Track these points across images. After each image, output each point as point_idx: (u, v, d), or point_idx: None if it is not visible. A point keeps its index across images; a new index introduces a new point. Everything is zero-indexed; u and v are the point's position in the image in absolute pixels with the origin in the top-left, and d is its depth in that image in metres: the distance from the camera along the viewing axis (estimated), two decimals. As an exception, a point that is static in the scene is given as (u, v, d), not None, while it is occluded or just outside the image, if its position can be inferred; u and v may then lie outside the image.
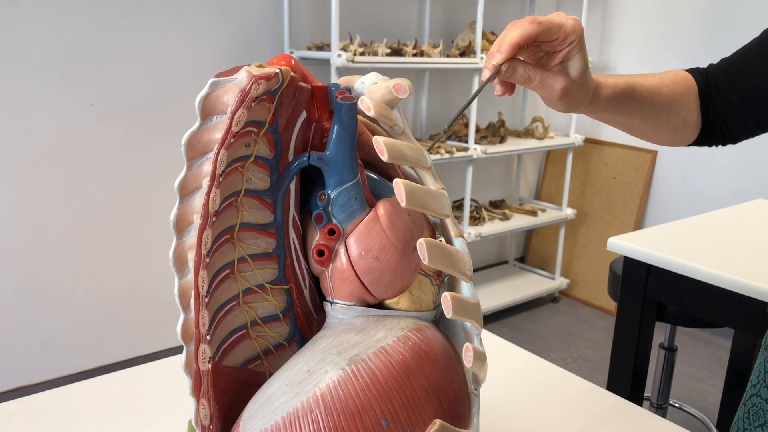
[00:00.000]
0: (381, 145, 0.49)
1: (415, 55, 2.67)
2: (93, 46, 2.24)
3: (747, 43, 0.83)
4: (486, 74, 0.64)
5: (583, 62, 0.67)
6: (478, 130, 3.11)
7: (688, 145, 0.87)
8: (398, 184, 0.48)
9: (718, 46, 2.93)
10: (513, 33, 0.61)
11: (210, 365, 0.51)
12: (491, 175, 3.60)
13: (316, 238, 0.55)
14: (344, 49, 2.45)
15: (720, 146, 0.86)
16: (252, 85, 0.48)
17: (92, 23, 2.22)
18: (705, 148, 3.07)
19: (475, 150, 2.87)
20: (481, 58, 2.81)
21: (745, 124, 0.82)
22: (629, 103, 0.76)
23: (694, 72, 0.84)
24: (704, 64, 0.86)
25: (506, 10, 3.42)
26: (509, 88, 0.68)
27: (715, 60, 0.86)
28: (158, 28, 2.36)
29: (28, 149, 2.19)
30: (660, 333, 2.95)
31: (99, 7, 2.22)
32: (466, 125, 3.10)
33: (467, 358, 0.50)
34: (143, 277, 2.52)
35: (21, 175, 2.19)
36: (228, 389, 0.53)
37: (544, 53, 0.67)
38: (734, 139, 0.85)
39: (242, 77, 0.49)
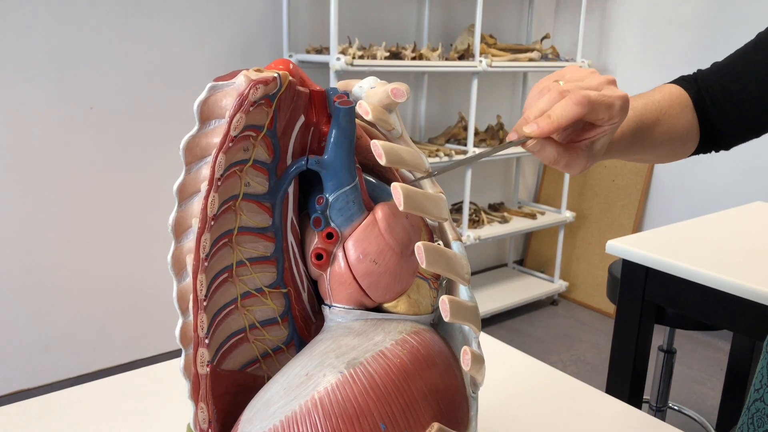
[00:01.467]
0: (379, 148, 0.49)
1: (413, 58, 2.67)
2: (92, 50, 2.25)
3: (740, 48, 0.82)
4: (513, 137, 0.59)
5: (611, 139, 0.64)
6: (476, 133, 3.12)
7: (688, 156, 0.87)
8: (396, 188, 0.48)
9: (716, 49, 2.94)
10: (559, 113, 0.55)
11: (208, 369, 0.51)
12: (490, 178, 3.61)
13: (315, 242, 0.55)
14: (343, 52, 2.46)
15: (714, 153, 0.86)
16: (250, 89, 0.48)
17: (91, 26, 2.23)
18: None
19: (474, 153, 2.87)
20: (480, 61, 2.81)
21: (739, 131, 0.81)
22: (642, 142, 0.75)
23: (684, 83, 0.82)
24: (702, 68, 0.85)
25: (505, 13, 3.42)
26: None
27: (712, 62, 0.86)
28: (157, 32, 2.37)
29: (27, 152, 2.19)
30: (659, 336, 2.96)
31: (98, 11, 2.23)
32: (465, 128, 3.10)
33: (465, 361, 0.50)
34: (142, 280, 2.52)
35: (20, 179, 2.19)
36: (226, 393, 0.53)
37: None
38: (728, 146, 0.84)
39: (240, 81, 0.49)
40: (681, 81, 0.83)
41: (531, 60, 3.05)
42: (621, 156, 0.73)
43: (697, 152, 0.86)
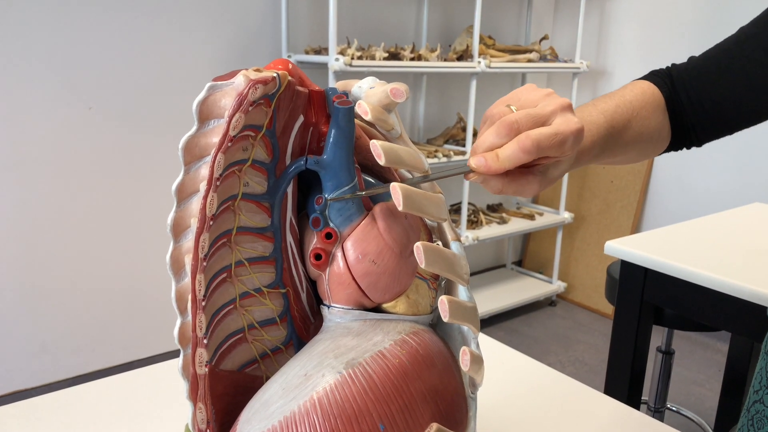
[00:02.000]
0: (378, 148, 0.49)
1: (412, 59, 2.67)
2: (91, 50, 2.24)
3: (720, 43, 0.79)
4: (470, 164, 0.55)
5: (570, 164, 0.60)
6: (475, 133, 3.12)
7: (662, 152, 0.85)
8: (395, 188, 0.48)
9: (715, 51, 2.94)
10: (507, 155, 0.52)
11: (207, 369, 0.51)
12: (489, 179, 3.60)
13: (313, 242, 0.55)
14: (342, 53, 2.46)
15: (685, 149, 0.83)
16: (249, 89, 0.48)
17: (90, 27, 2.22)
18: (702, 152, 3.07)
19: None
20: (479, 62, 2.81)
21: (714, 129, 0.79)
22: (613, 147, 0.71)
23: (656, 80, 0.79)
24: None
25: (503, 13, 3.42)
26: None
27: None
28: (156, 32, 2.36)
29: (26, 153, 2.19)
30: (657, 336, 2.96)
31: (97, 11, 2.23)
32: (464, 129, 3.10)
33: (464, 362, 0.50)
34: (140, 280, 2.52)
35: (18, 179, 2.19)
36: (225, 393, 0.53)
37: None
38: (701, 142, 0.82)
39: (239, 81, 0.49)
40: (653, 77, 0.80)
41: (530, 61, 3.06)
42: (591, 163, 0.70)
43: (666, 151, 0.84)
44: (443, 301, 0.49)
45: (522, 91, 0.59)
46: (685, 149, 0.83)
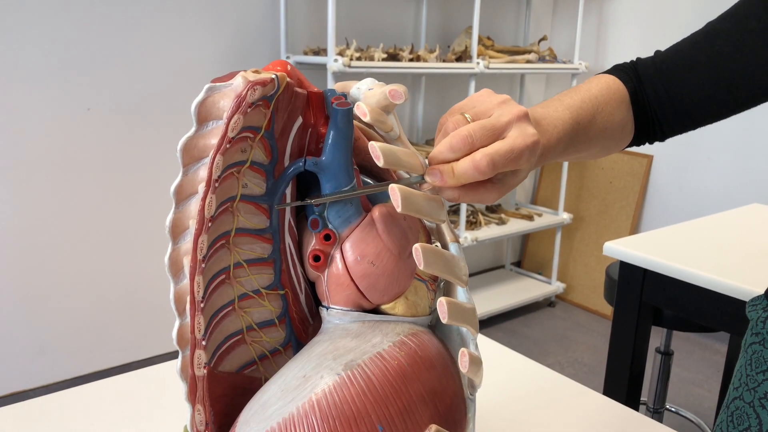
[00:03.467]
0: (377, 150, 0.49)
1: (411, 60, 2.67)
2: (89, 51, 2.24)
3: (688, 38, 0.79)
4: (428, 178, 0.53)
5: (530, 169, 0.58)
6: (474, 134, 3.11)
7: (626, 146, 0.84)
8: (394, 190, 0.48)
9: (713, 52, 2.94)
10: (461, 172, 0.51)
11: (205, 371, 0.51)
12: (487, 180, 3.61)
13: (312, 244, 0.55)
14: (341, 54, 2.46)
15: (647, 144, 0.82)
16: (248, 90, 0.48)
17: (88, 28, 2.22)
18: (701, 153, 3.08)
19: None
20: (477, 63, 2.81)
21: (680, 122, 0.78)
22: (577, 144, 0.70)
23: (621, 74, 0.78)
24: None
25: (502, 14, 3.43)
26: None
27: None
28: (155, 34, 2.36)
29: (24, 154, 2.19)
30: (656, 337, 2.96)
31: (95, 12, 2.22)
32: (463, 130, 3.10)
33: (463, 363, 0.50)
34: (139, 282, 2.52)
35: (17, 180, 2.19)
36: (224, 395, 0.53)
37: None
38: (665, 136, 0.81)
39: (238, 83, 0.49)
40: (617, 71, 0.79)
41: (528, 62, 3.06)
42: (555, 159, 0.69)
43: (629, 146, 0.83)
44: (442, 302, 0.49)
45: (477, 97, 0.58)
46: (647, 144, 0.83)
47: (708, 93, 0.75)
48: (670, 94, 0.77)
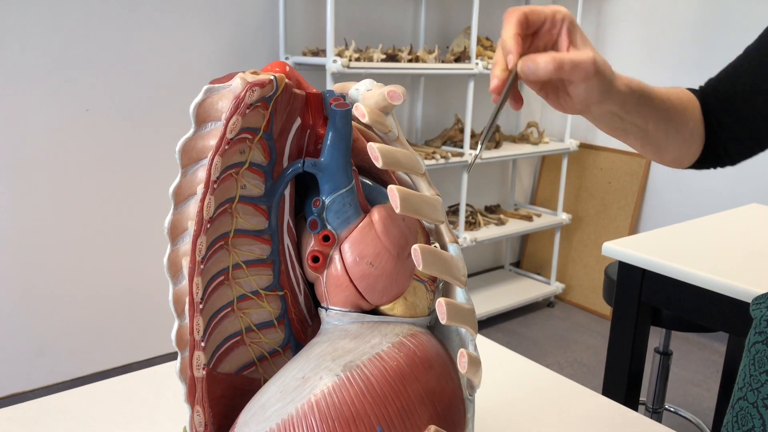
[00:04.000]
0: (375, 151, 0.49)
1: (410, 60, 2.67)
2: (88, 52, 2.24)
3: (734, 60, 0.81)
4: (495, 83, 0.63)
5: (596, 93, 0.65)
6: (473, 135, 3.12)
7: (690, 167, 0.84)
8: (393, 190, 0.48)
9: (713, 51, 2.95)
10: (507, 28, 0.61)
11: (204, 372, 0.51)
12: (486, 180, 3.61)
13: (311, 245, 0.55)
14: (339, 54, 2.46)
15: (719, 168, 0.84)
16: (246, 92, 0.48)
17: (87, 29, 2.22)
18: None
19: (470, 155, 2.87)
20: (476, 64, 2.81)
21: (743, 145, 0.79)
22: (644, 104, 0.71)
23: (692, 91, 0.82)
24: (698, 69, 0.84)
25: (501, 15, 3.43)
26: (519, 99, 0.67)
27: (708, 63, 0.85)
28: (153, 35, 2.36)
29: (23, 155, 2.19)
30: (655, 337, 2.96)
31: (94, 13, 2.22)
32: (461, 130, 3.10)
33: (462, 364, 0.50)
34: (138, 283, 2.52)
35: (15, 181, 2.19)
36: (223, 396, 0.53)
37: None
38: (733, 160, 0.82)
39: (237, 84, 0.49)
40: (688, 89, 0.82)
41: (527, 62, 3.05)
42: (625, 111, 0.70)
43: (703, 164, 0.83)
44: (441, 303, 0.49)
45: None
46: (717, 167, 0.83)
47: (755, 112, 0.76)
48: (724, 118, 0.78)
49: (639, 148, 0.79)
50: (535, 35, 0.65)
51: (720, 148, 0.81)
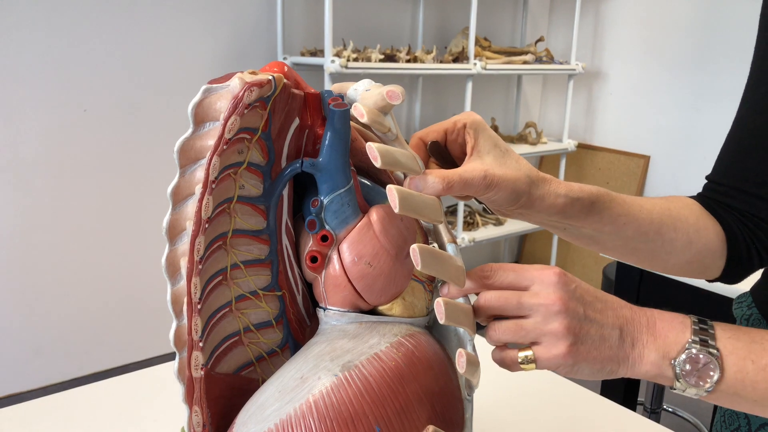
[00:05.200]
0: (374, 151, 0.49)
1: (408, 61, 2.67)
2: (86, 52, 2.24)
3: (732, 127, 0.71)
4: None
5: (490, 147, 0.56)
6: (471, 135, 3.12)
7: (725, 277, 0.72)
8: (391, 190, 0.48)
9: (710, 53, 2.95)
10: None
11: (203, 372, 0.51)
12: (485, 181, 3.61)
13: (309, 245, 0.55)
14: (337, 55, 2.46)
15: (752, 273, 0.72)
16: (245, 92, 0.48)
17: (85, 28, 2.22)
18: (697, 153, 3.08)
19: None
20: (474, 64, 2.81)
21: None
22: (611, 209, 0.62)
23: (689, 199, 0.72)
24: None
25: (499, 15, 3.43)
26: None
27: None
28: (151, 35, 2.36)
29: (20, 154, 2.18)
30: (653, 337, 2.95)
31: (92, 13, 2.22)
32: (460, 131, 3.10)
33: (460, 364, 0.50)
34: (136, 283, 2.51)
35: (12, 181, 2.18)
36: (221, 396, 0.53)
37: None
38: (762, 259, 0.70)
39: (235, 84, 0.49)
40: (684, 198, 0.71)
41: (525, 63, 3.06)
42: (560, 216, 0.60)
43: (735, 273, 0.72)
44: (439, 303, 0.49)
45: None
46: (758, 269, 0.72)
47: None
48: (737, 199, 0.69)
49: (628, 259, 0.69)
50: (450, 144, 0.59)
51: (743, 249, 0.69)
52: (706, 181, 0.74)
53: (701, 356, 0.51)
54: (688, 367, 0.51)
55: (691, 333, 0.52)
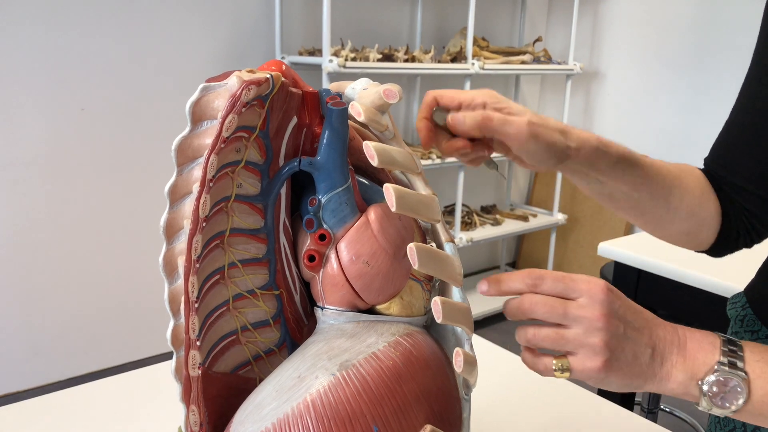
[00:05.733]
0: (371, 150, 0.49)
1: (406, 60, 2.67)
2: (83, 51, 2.24)
3: (726, 123, 0.74)
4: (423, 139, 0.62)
5: (521, 109, 0.61)
6: (469, 135, 3.12)
7: (707, 251, 0.75)
8: (388, 189, 0.48)
9: (708, 52, 2.95)
10: (421, 109, 0.62)
11: (200, 371, 0.51)
12: (483, 181, 3.61)
13: (307, 244, 0.55)
14: (336, 54, 2.46)
15: (737, 251, 0.75)
16: (242, 90, 0.48)
17: (82, 28, 2.22)
18: (696, 154, 3.08)
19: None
20: (472, 64, 2.82)
21: (762, 213, 0.71)
22: (628, 170, 0.65)
23: (697, 171, 0.74)
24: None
25: (497, 15, 3.43)
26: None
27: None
28: (149, 33, 2.36)
29: (18, 154, 2.18)
30: (650, 337, 2.95)
31: (89, 12, 2.22)
32: (458, 130, 3.10)
33: (457, 363, 0.50)
34: (133, 282, 2.51)
35: (10, 180, 2.18)
36: (218, 395, 0.53)
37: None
38: (761, 237, 0.73)
39: (233, 82, 0.48)
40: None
41: (523, 63, 3.06)
42: (609, 177, 0.64)
43: (725, 247, 0.74)
44: (436, 302, 0.49)
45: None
46: (747, 248, 0.75)
47: (764, 166, 0.69)
48: (736, 180, 0.71)
49: (636, 221, 0.72)
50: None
51: (734, 229, 0.73)
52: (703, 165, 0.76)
53: (729, 379, 0.52)
54: (715, 389, 0.52)
55: (720, 354, 0.53)
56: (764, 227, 0.73)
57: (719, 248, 0.75)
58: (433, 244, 0.58)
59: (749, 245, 0.76)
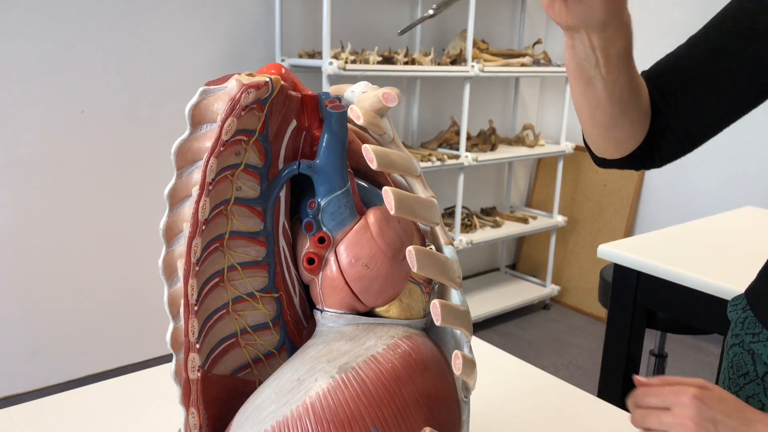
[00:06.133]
0: (370, 153, 0.49)
1: (406, 63, 2.68)
2: (83, 53, 2.24)
3: (677, 48, 0.79)
4: None
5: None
6: (469, 137, 3.13)
7: (617, 163, 0.79)
8: (387, 192, 0.48)
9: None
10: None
11: (199, 374, 0.51)
12: (482, 183, 3.61)
13: (306, 246, 0.55)
14: (335, 57, 2.46)
15: (643, 169, 0.80)
16: (242, 93, 0.48)
17: (83, 30, 2.22)
18: (695, 156, 3.09)
19: (466, 158, 2.88)
20: (472, 66, 2.82)
21: (676, 140, 0.76)
22: (624, 59, 0.70)
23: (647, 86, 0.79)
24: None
25: (497, 18, 3.43)
26: None
27: None
28: (149, 36, 2.36)
29: (18, 156, 2.18)
30: (650, 340, 2.96)
31: (89, 15, 2.22)
32: (457, 133, 3.11)
33: (456, 366, 0.50)
34: (133, 285, 2.51)
35: (10, 183, 2.18)
36: (217, 398, 0.53)
37: None
38: (662, 161, 0.79)
39: (232, 86, 0.49)
40: None
41: (523, 65, 3.06)
42: (606, 43, 0.68)
43: (631, 162, 0.79)
44: (435, 304, 0.49)
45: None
46: (642, 169, 0.80)
47: (697, 106, 0.74)
48: (662, 109, 0.75)
49: (593, 114, 0.74)
50: None
51: (651, 147, 0.77)
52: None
53: None
54: None
55: None
56: (662, 160, 0.78)
57: (635, 158, 0.79)
58: (432, 247, 0.58)
59: (658, 164, 0.79)
